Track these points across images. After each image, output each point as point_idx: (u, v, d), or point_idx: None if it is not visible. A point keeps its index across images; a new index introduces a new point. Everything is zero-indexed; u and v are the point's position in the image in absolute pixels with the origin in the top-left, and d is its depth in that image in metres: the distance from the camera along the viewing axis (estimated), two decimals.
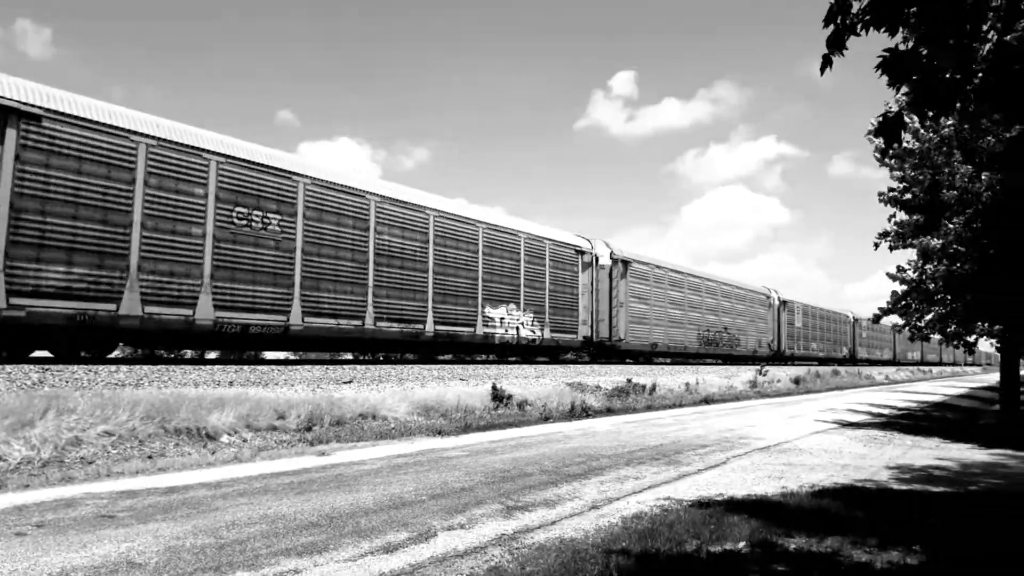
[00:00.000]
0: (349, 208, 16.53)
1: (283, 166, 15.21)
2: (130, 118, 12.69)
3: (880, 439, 12.34)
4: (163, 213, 12.87)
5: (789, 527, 5.46)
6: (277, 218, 14.82)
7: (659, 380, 21.78)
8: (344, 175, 16.77)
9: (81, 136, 11.87)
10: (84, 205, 11.83)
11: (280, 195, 14.98)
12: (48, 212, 11.42)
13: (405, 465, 8.33)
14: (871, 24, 4.07)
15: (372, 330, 16.96)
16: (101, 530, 5.13)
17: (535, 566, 4.44)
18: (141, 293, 12.41)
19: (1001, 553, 5.00)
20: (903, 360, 71.60)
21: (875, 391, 31.68)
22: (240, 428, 9.91)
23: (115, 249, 12.16)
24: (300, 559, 4.55)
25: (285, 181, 15.09)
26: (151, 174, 12.74)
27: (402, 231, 18.05)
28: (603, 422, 14.13)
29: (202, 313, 13.31)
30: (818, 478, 8.00)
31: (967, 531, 5.58)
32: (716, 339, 35.98)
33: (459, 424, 12.28)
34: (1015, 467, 9.49)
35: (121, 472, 7.47)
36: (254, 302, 14.24)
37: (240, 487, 6.84)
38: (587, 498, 6.70)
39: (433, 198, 19.83)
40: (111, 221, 12.14)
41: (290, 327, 14.92)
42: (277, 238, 14.79)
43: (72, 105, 11.82)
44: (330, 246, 15.99)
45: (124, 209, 12.31)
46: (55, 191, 11.52)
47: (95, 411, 8.67)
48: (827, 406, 20.41)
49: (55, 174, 11.53)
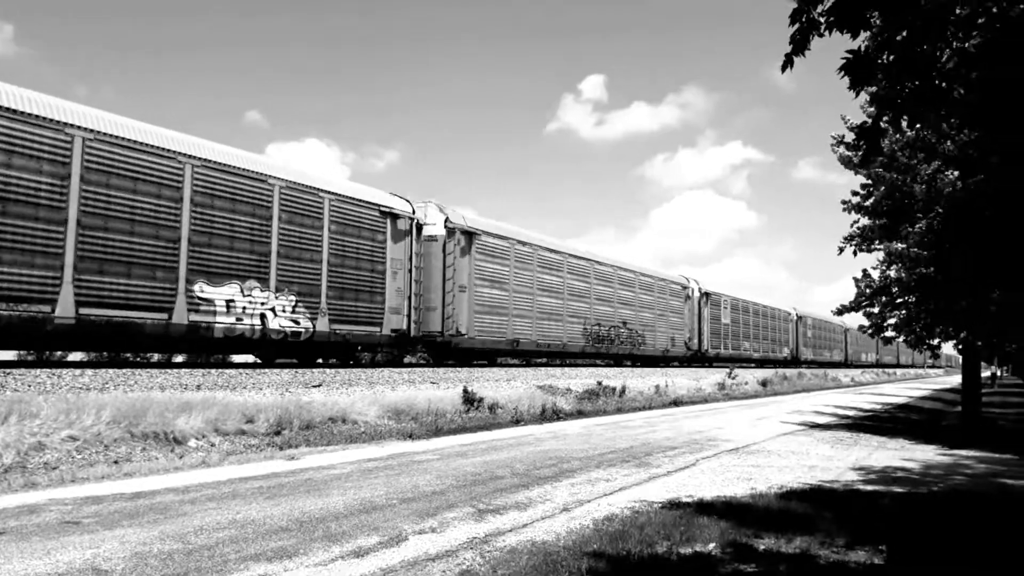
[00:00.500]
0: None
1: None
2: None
3: (846, 440, 12.50)
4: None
5: (758, 528, 5.52)
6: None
7: (629, 383, 21.88)
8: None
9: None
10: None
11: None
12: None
13: (376, 469, 8.28)
14: (834, 25, 4.14)
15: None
16: (66, 536, 5.05)
17: (507, 569, 4.44)
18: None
19: (963, 551, 5.08)
20: (856, 362, 69.55)
21: (841, 393, 32.11)
22: (208, 432, 9.79)
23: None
24: (270, 564, 4.51)
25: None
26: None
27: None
28: (574, 424, 14.17)
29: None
30: (786, 479, 8.09)
31: (932, 530, 5.67)
32: (610, 336, 29.87)
33: (430, 427, 12.24)
34: (977, 468, 9.67)
35: (86, 477, 7.35)
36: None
37: (208, 492, 6.76)
38: (558, 500, 6.71)
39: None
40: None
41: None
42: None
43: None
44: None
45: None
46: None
47: (59, 416, 8.52)
48: (794, 408, 20.65)
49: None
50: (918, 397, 30.94)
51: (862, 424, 16.26)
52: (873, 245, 15.22)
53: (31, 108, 11.83)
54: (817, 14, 4.11)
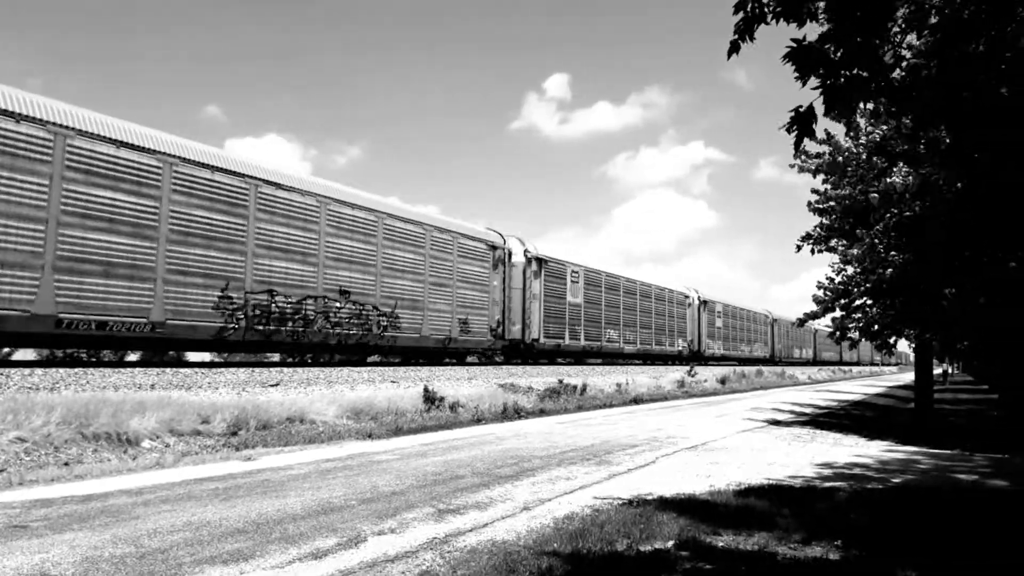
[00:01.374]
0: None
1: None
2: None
3: (804, 437, 12.68)
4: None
5: (717, 525, 5.55)
6: None
7: (590, 381, 21.96)
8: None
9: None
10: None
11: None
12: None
13: (334, 469, 8.20)
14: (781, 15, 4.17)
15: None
16: (13, 541, 4.90)
17: (467, 569, 4.41)
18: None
19: (916, 545, 5.17)
20: (822, 360, 73.67)
21: (798, 391, 32.58)
22: (163, 433, 9.61)
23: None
24: (226, 567, 4.43)
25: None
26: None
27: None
28: (535, 423, 14.17)
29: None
30: (745, 476, 8.17)
31: (886, 525, 5.76)
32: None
33: (390, 427, 12.15)
34: (929, 463, 9.86)
35: (35, 480, 7.16)
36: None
37: (162, 494, 6.62)
38: (519, 500, 6.70)
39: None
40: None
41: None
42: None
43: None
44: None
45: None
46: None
47: (6, 416, 8.29)
48: (752, 405, 20.89)
49: None
50: (873, 394, 31.52)
51: (819, 421, 16.51)
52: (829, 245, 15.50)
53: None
54: (764, 3, 4.13)
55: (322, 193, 18.29)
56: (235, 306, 16.00)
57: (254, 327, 16.40)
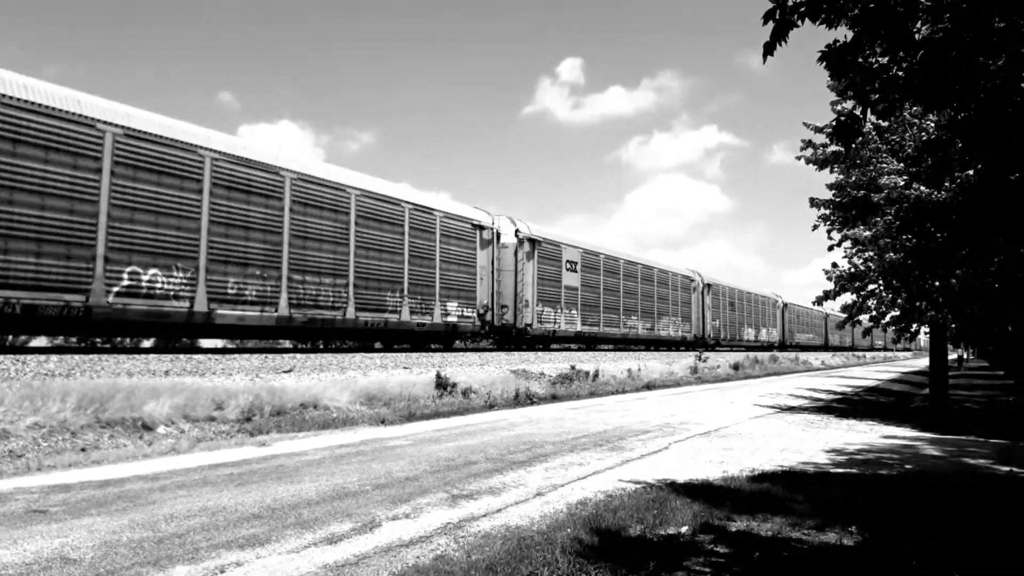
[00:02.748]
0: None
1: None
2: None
3: (817, 423, 12.65)
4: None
5: (731, 510, 5.55)
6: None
7: (602, 367, 21.96)
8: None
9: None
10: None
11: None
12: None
13: (348, 455, 8.24)
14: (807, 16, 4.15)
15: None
16: (33, 525, 4.96)
17: (481, 554, 4.43)
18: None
19: (931, 531, 5.15)
20: (834, 345, 72.94)
21: (812, 376, 32.50)
22: (177, 419, 9.68)
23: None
24: (242, 552, 4.46)
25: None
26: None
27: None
28: (547, 409, 14.19)
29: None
30: (758, 462, 8.16)
31: (900, 511, 5.75)
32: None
33: (403, 413, 12.19)
34: (943, 449, 9.82)
35: (53, 465, 7.23)
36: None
37: (178, 479, 6.68)
38: (532, 485, 6.71)
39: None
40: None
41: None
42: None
43: None
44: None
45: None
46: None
47: (23, 402, 8.37)
48: (766, 391, 20.86)
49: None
50: (887, 380, 31.41)
51: (832, 407, 16.47)
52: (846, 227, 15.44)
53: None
54: (789, 9, 4.12)
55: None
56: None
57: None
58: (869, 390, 24.07)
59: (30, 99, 11.82)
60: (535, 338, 26.22)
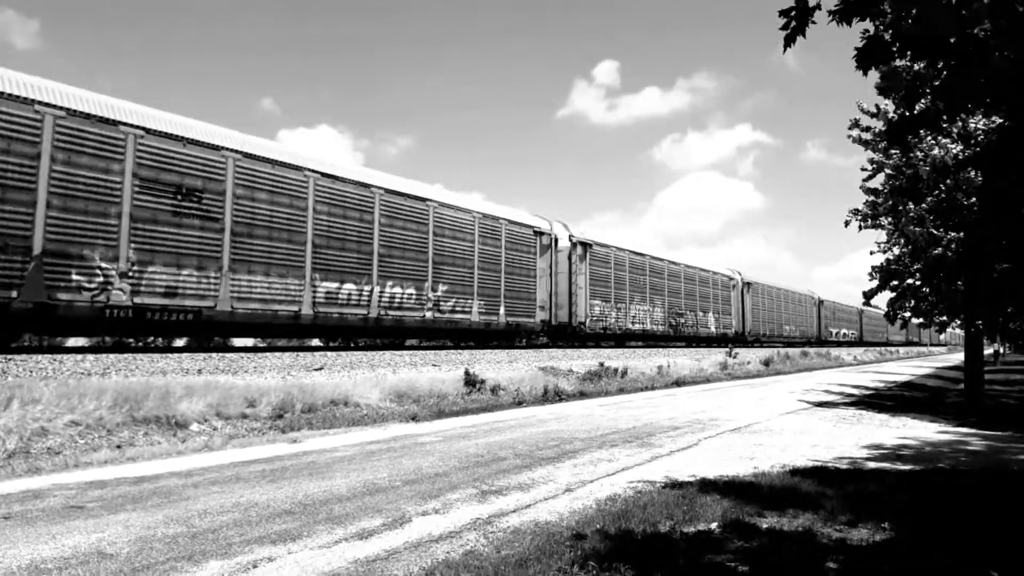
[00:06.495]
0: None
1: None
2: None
3: (849, 419, 12.51)
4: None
5: (761, 507, 5.52)
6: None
7: (630, 363, 21.89)
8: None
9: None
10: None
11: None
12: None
13: (378, 451, 8.29)
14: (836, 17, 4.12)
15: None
16: (70, 521, 5.05)
17: (510, 550, 4.44)
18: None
19: (965, 530, 5.08)
20: (868, 341, 72.25)
21: (844, 372, 32.12)
22: (210, 416, 9.81)
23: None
24: (274, 547, 4.52)
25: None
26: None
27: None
28: (576, 405, 14.18)
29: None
30: (789, 458, 8.09)
31: (933, 508, 5.67)
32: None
33: (432, 409, 12.25)
34: (979, 445, 9.67)
35: (89, 462, 7.36)
36: None
37: (211, 475, 6.77)
38: (561, 481, 6.72)
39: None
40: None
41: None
42: None
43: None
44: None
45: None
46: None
47: (61, 401, 8.52)
48: (797, 387, 20.66)
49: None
50: (921, 375, 30.94)
51: (865, 402, 16.28)
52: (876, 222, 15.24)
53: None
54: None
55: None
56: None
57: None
58: (903, 385, 23.74)
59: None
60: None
